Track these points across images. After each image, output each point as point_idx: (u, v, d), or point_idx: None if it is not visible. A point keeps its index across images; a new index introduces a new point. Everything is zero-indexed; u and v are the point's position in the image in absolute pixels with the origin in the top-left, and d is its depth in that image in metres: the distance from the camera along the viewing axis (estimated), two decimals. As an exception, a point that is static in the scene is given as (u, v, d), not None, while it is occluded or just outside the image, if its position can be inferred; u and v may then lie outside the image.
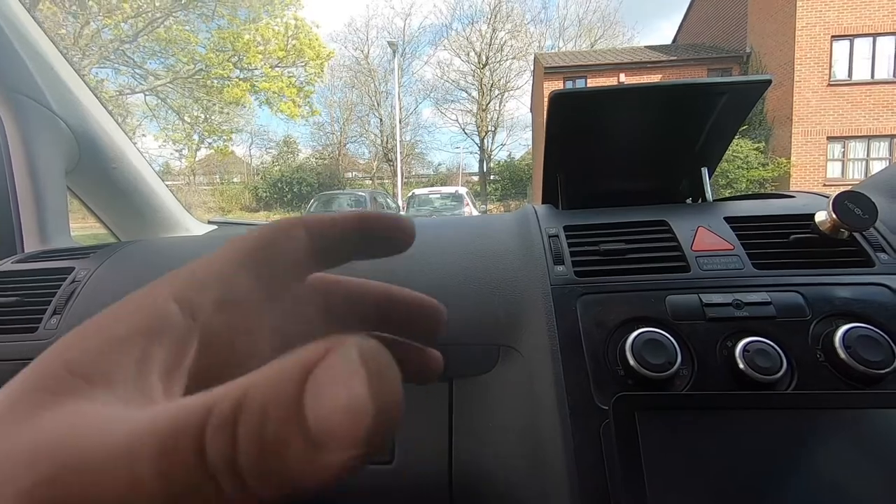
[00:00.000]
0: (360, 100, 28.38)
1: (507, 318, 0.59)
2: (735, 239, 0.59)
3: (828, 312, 0.50)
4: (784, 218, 0.62)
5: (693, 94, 0.71)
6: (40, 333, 0.66)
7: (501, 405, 0.58)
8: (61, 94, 0.90)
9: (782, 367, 0.46)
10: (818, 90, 12.36)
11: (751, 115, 11.70)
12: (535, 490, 0.51)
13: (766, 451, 0.42)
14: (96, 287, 0.70)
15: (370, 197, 11.85)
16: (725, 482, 0.41)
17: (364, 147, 29.64)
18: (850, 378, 0.46)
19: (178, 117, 14.82)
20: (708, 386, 0.48)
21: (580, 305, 0.55)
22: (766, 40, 13.59)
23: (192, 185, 21.61)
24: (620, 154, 0.79)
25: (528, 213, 0.72)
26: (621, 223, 0.64)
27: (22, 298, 0.70)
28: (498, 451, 0.56)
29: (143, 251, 0.80)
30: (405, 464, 0.58)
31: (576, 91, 0.70)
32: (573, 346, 0.52)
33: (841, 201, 0.54)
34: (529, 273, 0.60)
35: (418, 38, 34.76)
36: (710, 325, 0.51)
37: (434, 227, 0.80)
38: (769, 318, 0.51)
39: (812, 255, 0.56)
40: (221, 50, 12.76)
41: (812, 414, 0.44)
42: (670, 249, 0.59)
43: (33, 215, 0.88)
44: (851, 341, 0.46)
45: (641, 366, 0.47)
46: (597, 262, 0.59)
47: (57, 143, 0.90)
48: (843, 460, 0.42)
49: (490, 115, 27.92)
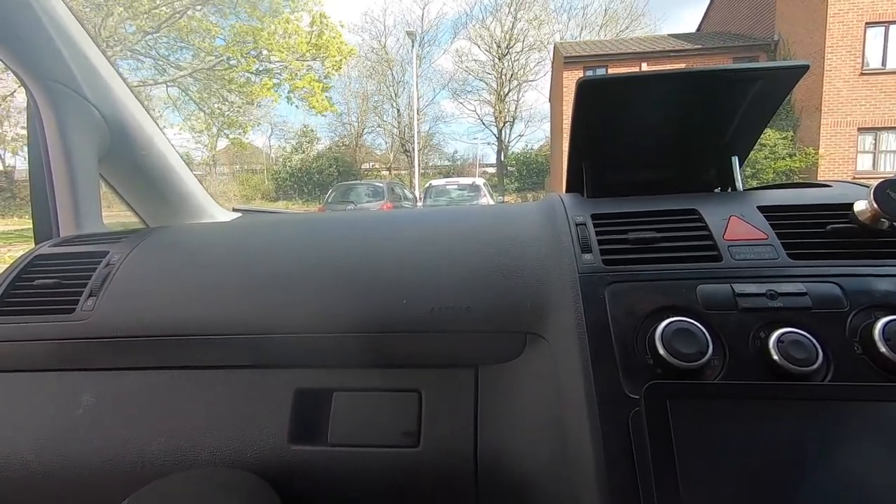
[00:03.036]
0: (378, 90, 28.42)
1: (534, 306, 0.59)
2: (769, 228, 0.58)
3: (866, 304, 0.49)
4: (821, 207, 0.60)
5: (725, 80, 0.69)
6: (77, 314, 0.68)
7: (527, 392, 0.58)
8: (95, 83, 0.92)
9: (818, 359, 0.45)
10: (849, 79, 11.93)
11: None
12: (562, 478, 0.52)
13: (799, 443, 0.42)
14: (130, 270, 0.72)
15: (387, 188, 11.86)
16: (758, 473, 0.41)
17: (381, 138, 29.74)
18: (890, 371, 0.45)
19: (199, 108, 15.01)
20: (740, 377, 0.47)
21: (608, 294, 0.54)
22: (795, 28, 13.15)
23: (213, 174, 21.95)
24: (648, 142, 0.78)
25: (554, 201, 0.71)
26: (650, 212, 0.64)
27: (60, 281, 0.73)
28: (524, 438, 0.56)
29: (173, 236, 0.82)
30: (431, 448, 0.58)
31: (604, 78, 0.68)
32: (601, 335, 0.51)
33: (883, 190, 0.52)
34: (556, 261, 0.60)
35: (437, 27, 34.48)
36: (743, 316, 0.50)
37: (455, 215, 0.79)
38: (805, 309, 0.50)
39: (850, 245, 0.55)
40: (243, 42, 12.84)
41: (848, 406, 0.43)
42: (701, 238, 0.58)
43: (68, 200, 0.91)
44: (891, 334, 0.45)
45: (672, 355, 0.47)
46: (625, 250, 0.59)
47: (90, 131, 0.93)
48: (879, 454, 0.41)
49: (508, 105, 27.71)
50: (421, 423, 0.59)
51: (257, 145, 27.32)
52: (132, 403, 0.65)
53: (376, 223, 0.79)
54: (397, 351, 0.63)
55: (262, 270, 0.69)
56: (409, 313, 0.61)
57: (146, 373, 0.67)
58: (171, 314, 0.66)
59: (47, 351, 0.68)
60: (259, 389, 0.64)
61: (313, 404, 0.63)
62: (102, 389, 0.67)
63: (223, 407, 0.64)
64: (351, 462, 0.60)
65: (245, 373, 0.65)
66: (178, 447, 0.62)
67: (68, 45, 0.87)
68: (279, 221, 0.86)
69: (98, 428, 0.64)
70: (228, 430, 0.62)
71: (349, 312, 0.63)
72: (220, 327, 0.65)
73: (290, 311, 0.64)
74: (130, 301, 0.69)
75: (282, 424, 0.61)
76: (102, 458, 0.63)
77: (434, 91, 30.61)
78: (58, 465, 0.63)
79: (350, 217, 0.84)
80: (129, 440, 0.63)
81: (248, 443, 0.61)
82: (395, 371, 0.63)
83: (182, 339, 0.65)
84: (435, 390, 0.61)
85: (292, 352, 0.64)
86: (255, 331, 0.64)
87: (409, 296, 0.62)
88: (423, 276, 0.64)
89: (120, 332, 0.66)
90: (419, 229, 0.74)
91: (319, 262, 0.69)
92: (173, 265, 0.73)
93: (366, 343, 0.62)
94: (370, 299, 0.63)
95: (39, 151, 0.91)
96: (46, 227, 0.93)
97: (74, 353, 0.68)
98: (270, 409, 0.62)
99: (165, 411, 0.64)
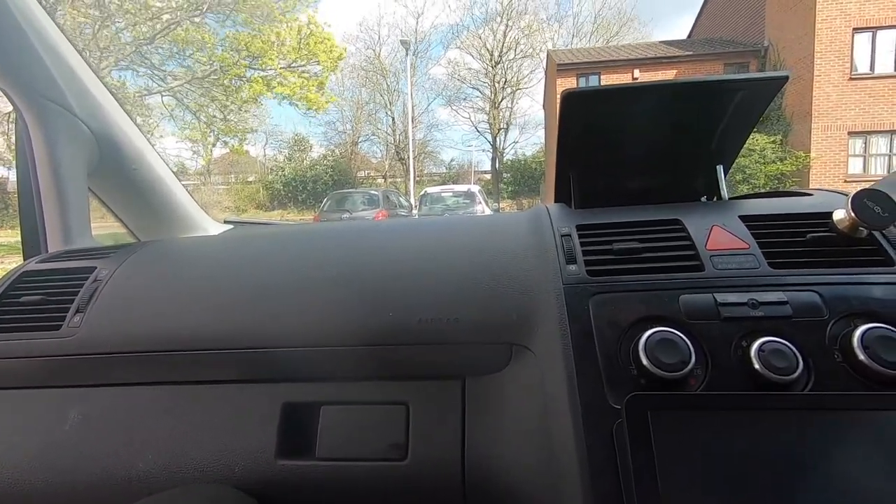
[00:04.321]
0: (372, 98, 28.56)
1: (520, 317, 0.59)
2: (750, 238, 0.58)
3: (845, 312, 0.50)
4: (801, 216, 0.61)
5: (708, 91, 0.70)
6: (64, 331, 0.68)
7: (514, 404, 0.58)
8: (83, 98, 0.92)
9: (798, 367, 0.46)
10: (839, 84, 12.06)
11: (769, 111, 11.36)
12: (548, 488, 0.52)
13: (781, 452, 0.42)
14: (117, 285, 0.72)
15: (383, 196, 11.86)
16: (739, 483, 0.41)
17: (376, 146, 29.85)
18: (869, 379, 0.46)
19: (194, 117, 15.02)
20: (722, 386, 0.47)
21: (593, 304, 0.54)
22: (784, 34, 13.31)
23: (207, 184, 21.90)
24: (634, 152, 0.78)
25: (541, 212, 0.72)
26: (634, 222, 0.64)
27: (46, 297, 0.73)
28: (510, 450, 0.56)
29: (162, 251, 0.82)
30: (419, 461, 0.58)
31: (588, 90, 0.69)
32: (586, 346, 0.52)
33: (860, 199, 0.53)
34: (542, 272, 0.60)
35: (431, 36, 34.75)
36: (725, 325, 0.50)
37: (444, 225, 0.80)
38: (785, 318, 0.50)
39: (829, 254, 0.55)
40: (237, 50, 12.90)
41: (829, 415, 0.43)
42: (684, 248, 0.59)
43: (56, 216, 0.90)
44: (870, 342, 0.46)
45: (654, 365, 0.47)
46: (609, 261, 0.59)
47: (79, 146, 0.93)
48: (859, 463, 0.41)
49: (502, 112, 27.86)
50: (408, 436, 0.59)
51: (252, 154, 27.35)
52: (120, 419, 0.65)
53: (364, 235, 0.79)
54: (384, 363, 0.63)
55: (249, 284, 0.69)
56: (395, 325, 0.61)
57: (133, 388, 0.67)
58: (159, 329, 0.66)
59: (34, 367, 0.68)
60: (247, 404, 0.64)
61: (301, 418, 0.62)
62: (90, 405, 0.66)
63: (211, 422, 0.63)
64: (339, 476, 0.60)
65: (232, 387, 0.65)
66: (166, 462, 0.62)
67: (56, 61, 0.87)
68: (269, 234, 0.86)
69: (85, 444, 0.64)
70: (216, 444, 0.62)
71: (337, 325, 0.63)
72: (207, 342, 0.64)
73: (278, 324, 0.64)
74: (118, 317, 0.68)
75: (269, 439, 0.61)
76: (90, 474, 0.62)
77: (428, 99, 30.87)
78: (45, 481, 0.63)
79: (340, 228, 0.84)
80: (117, 456, 0.63)
81: (235, 458, 0.61)
82: (383, 384, 0.63)
83: (169, 355, 0.65)
84: (422, 403, 0.61)
85: (280, 366, 0.64)
86: (243, 345, 0.64)
87: (395, 307, 0.62)
88: (410, 288, 0.64)
89: (107, 347, 0.66)
90: (406, 241, 0.75)
91: (308, 274, 0.69)
92: (161, 280, 0.73)
93: (353, 356, 0.62)
94: (357, 312, 0.63)
95: (28, 167, 0.91)
96: (35, 243, 0.92)
97: (61, 370, 0.67)
98: (258, 423, 0.62)
99: (153, 427, 0.64)
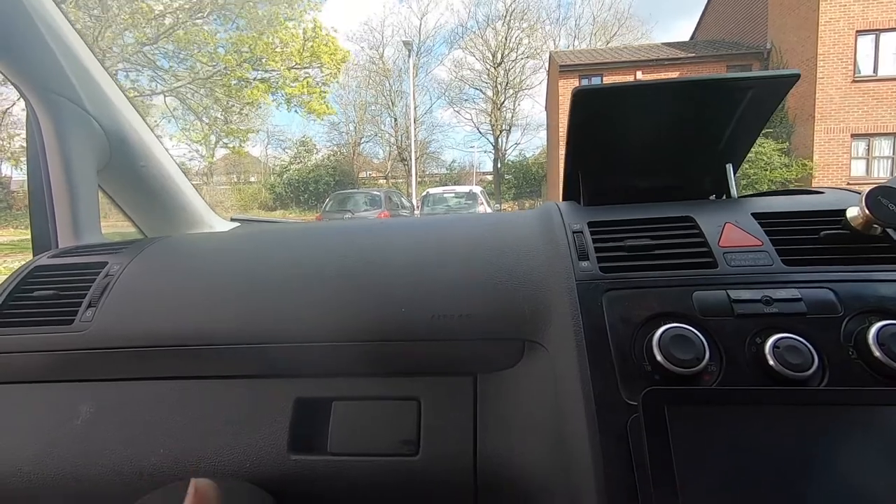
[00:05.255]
0: (375, 99, 28.59)
1: (532, 313, 0.59)
2: (763, 235, 0.58)
3: (860, 309, 0.50)
4: (814, 214, 0.61)
5: (718, 89, 0.70)
6: (76, 325, 0.68)
7: (526, 400, 0.58)
8: (94, 94, 0.93)
9: (813, 364, 0.46)
10: (842, 86, 12.05)
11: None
12: (562, 484, 0.52)
13: (796, 448, 0.42)
14: (129, 280, 0.72)
15: (385, 196, 11.87)
16: (755, 477, 0.41)
17: (378, 147, 29.86)
18: (884, 376, 0.46)
19: (196, 118, 15.05)
20: (737, 382, 0.47)
21: (606, 301, 0.55)
22: (787, 36, 13.30)
23: (210, 184, 21.94)
24: (643, 150, 0.78)
25: (551, 209, 0.72)
26: (646, 219, 0.64)
27: (58, 292, 0.73)
28: (523, 446, 0.56)
29: (173, 247, 0.82)
30: (430, 456, 0.58)
31: (598, 87, 0.69)
32: (599, 342, 0.52)
33: (874, 196, 0.53)
34: (554, 269, 0.60)
35: (434, 37, 34.80)
36: (739, 322, 0.50)
37: (454, 222, 0.80)
38: (800, 315, 0.50)
39: (843, 251, 0.55)
40: (239, 52, 12.93)
41: (844, 411, 0.43)
42: (697, 245, 0.59)
43: (67, 212, 0.91)
44: (885, 338, 0.46)
45: (669, 361, 0.47)
46: (622, 257, 0.59)
47: (90, 142, 0.93)
48: (875, 458, 0.41)
49: (504, 113, 27.89)
50: (420, 432, 0.59)
51: (255, 155, 27.40)
52: (131, 414, 0.65)
53: (374, 231, 0.80)
54: (396, 359, 0.63)
55: (260, 279, 0.69)
56: (407, 321, 0.62)
57: (145, 383, 0.67)
58: (170, 324, 0.67)
59: (46, 362, 0.68)
60: (258, 399, 0.64)
61: (313, 413, 0.62)
62: (101, 400, 0.66)
63: (222, 417, 0.63)
64: (350, 471, 0.60)
65: (244, 382, 0.65)
66: (177, 457, 0.62)
67: (68, 57, 0.87)
68: (277, 230, 0.86)
69: (96, 438, 0.64)
70: (227, 439, 0.62)
71: (348, 321, 0.63)
72: (219, 337, 0.65)
73: (290, 320, 0.64)
74: (129, 311, 0.69)
75: (281, 434, 0.61)
76: (101, 469, 0.62)
77: (431, 100, 30.96)
78: (56, 475, 0.63)
79: (348, 225, 0.84)
80: (128, 450, 0.63)
81: (247, 452, 0.61)
82: (394, 379, 0.63)
83: (181, 350, 0.65)
84: (434, 398, 0.61)
85: (292, 361, 0.64)
86: (255, 340, 0.64)
87: (407, 304, 0.62)
88: (422, 285, 0.64)
89: (119, 342, 0.66)
90: (417, 237, 0.75)
91: (318, 270, 0.69)
92: (172, 275, 0.74)
93: (365, 352, 0.62)
94: (369, 308, 0.63)
95: (39, 163, 0.91)
96: (45, 238, 0.93)
97: (73, 364, 0.68)
98: (270, 418, 0.62)
99: (164, 421, 0.64)
